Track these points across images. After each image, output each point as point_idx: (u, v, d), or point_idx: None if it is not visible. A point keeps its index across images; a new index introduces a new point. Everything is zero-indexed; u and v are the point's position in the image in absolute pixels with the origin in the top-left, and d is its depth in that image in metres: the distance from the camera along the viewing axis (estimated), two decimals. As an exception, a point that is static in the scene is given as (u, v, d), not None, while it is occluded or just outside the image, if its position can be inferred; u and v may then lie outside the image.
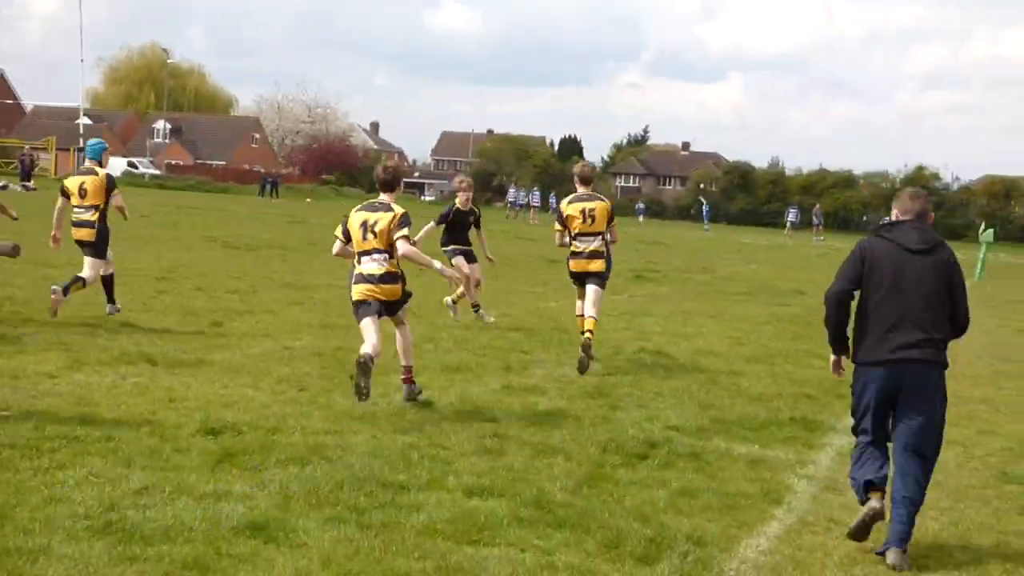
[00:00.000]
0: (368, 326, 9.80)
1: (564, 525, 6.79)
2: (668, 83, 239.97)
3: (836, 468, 8.78)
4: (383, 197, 10.22)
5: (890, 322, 6.84)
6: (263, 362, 11.55)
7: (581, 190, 12.89)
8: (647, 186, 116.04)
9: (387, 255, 9.91)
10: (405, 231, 9.88)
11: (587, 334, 12.19)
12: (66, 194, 13.64)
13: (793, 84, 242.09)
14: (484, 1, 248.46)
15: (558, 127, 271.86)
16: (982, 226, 44.84)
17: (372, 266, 9.91)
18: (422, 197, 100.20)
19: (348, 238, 10.08)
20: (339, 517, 6.63)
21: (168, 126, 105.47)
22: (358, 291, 9.95)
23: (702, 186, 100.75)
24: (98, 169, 13.80)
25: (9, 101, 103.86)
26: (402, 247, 9.84)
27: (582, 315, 12.69)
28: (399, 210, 10.01)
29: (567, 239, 12.79)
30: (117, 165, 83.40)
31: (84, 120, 66.71)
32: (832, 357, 7.39)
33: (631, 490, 7.71)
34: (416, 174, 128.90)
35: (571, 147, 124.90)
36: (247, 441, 8.21)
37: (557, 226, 12.89)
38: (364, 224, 9.94)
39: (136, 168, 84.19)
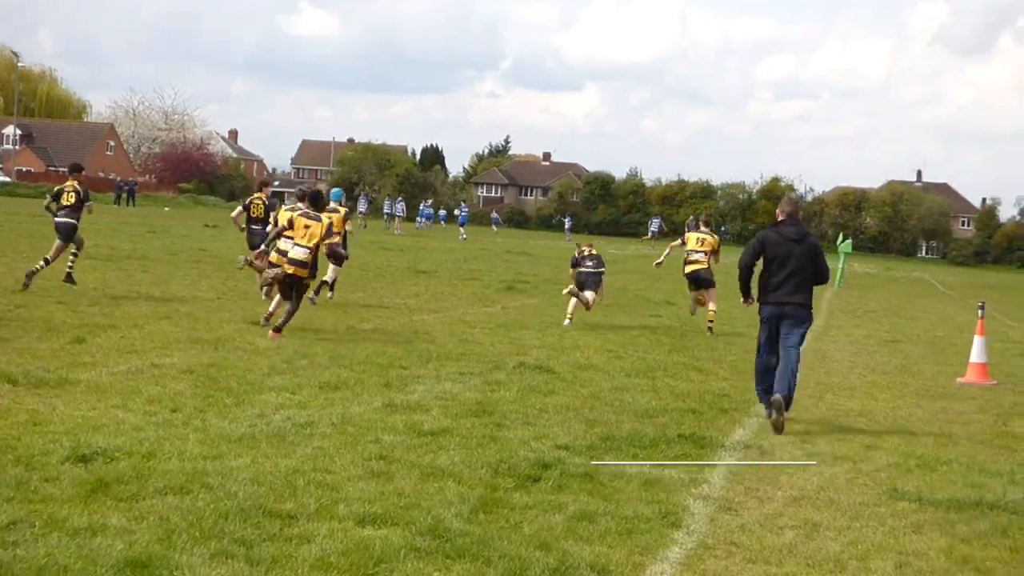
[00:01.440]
0: (278, 293, 15.58)
1: (464, 555, 6.48)
2: (526, 92, 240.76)
3: (730, 487, 8.65)
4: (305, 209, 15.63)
5: (779, 282, 11.35)
6: (131, 380, 11.01)
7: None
8: (509, 196, 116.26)
9: (309, 250, 15.14)
10: (336, 236, 16.08)
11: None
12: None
13: (648, 94, 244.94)
14: (341, 6, 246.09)
15: (419, 135, 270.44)
16: (840, 236, 45.84)
17: (299, 252, 15.14)
18: (282, 206, 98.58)
19: (289, 227, 15.37)
20: (226, 551, 6.22)
21: (18, 132, 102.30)
22: (285, 267, 15.14)
23: (564, 196, 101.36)
24: (340, 208, 19.65)
25: None
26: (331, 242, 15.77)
27: None
28: (326, 220, 15.49)
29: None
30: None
31: (-71, 124, 64.25)
32: (742, 300, 12.36)
33: (528, 515, 7.44)
34: (276, 183, 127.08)
35: (433, 156, 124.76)
36: (121, 468, 7.71)
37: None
38: (306, 226, 15.21)
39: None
